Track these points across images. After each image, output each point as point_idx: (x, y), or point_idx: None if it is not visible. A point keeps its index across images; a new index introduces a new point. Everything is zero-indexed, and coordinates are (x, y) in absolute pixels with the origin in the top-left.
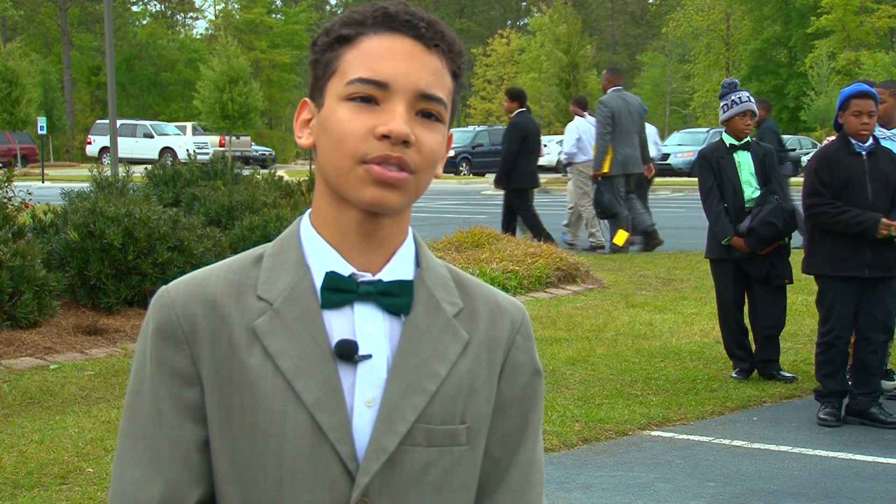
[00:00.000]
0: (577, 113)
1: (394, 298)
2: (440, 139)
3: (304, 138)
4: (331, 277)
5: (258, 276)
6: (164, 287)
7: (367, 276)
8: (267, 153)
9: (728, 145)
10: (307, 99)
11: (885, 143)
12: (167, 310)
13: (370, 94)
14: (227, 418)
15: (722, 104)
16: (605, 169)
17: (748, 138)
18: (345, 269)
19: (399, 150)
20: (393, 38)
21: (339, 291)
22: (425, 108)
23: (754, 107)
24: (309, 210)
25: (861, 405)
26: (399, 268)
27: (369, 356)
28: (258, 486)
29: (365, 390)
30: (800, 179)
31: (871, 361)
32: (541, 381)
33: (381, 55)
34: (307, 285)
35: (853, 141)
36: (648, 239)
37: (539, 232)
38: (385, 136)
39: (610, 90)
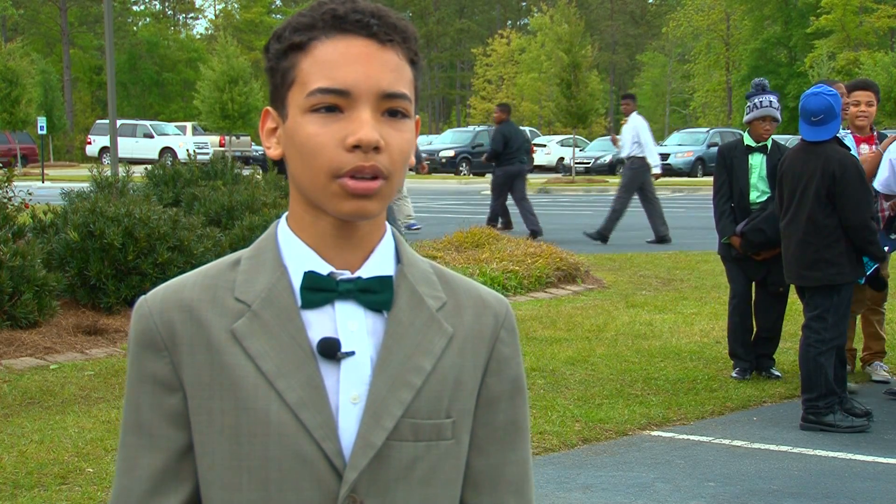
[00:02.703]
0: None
1: (374, 295)
2: (409, 136)
3: (272, 149)
4: (309, 277)
5: (235, 279)
6: (142, 297)
7: (346, 274)
8: None
9: (745, 146)
10: (269, 108)
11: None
12: (145, 319)
13: (333, 104)
14: (207, 422)
15: (748, 104)
16: None
17: (766, 142)
18: (323, 268)
19: (371, 159)
20: (347, 41)
21: (318, 291)
22: (391, 107)
23: (775, 113)
24: (285, 213)
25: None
26: (378, 264)
27: (352, 353)
28: (241, 489)
29: (350, 387)
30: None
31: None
32: (524, 376)
33: (337, 62)
34: (284, 285)
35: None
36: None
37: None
38: (355, 146)
39: None
